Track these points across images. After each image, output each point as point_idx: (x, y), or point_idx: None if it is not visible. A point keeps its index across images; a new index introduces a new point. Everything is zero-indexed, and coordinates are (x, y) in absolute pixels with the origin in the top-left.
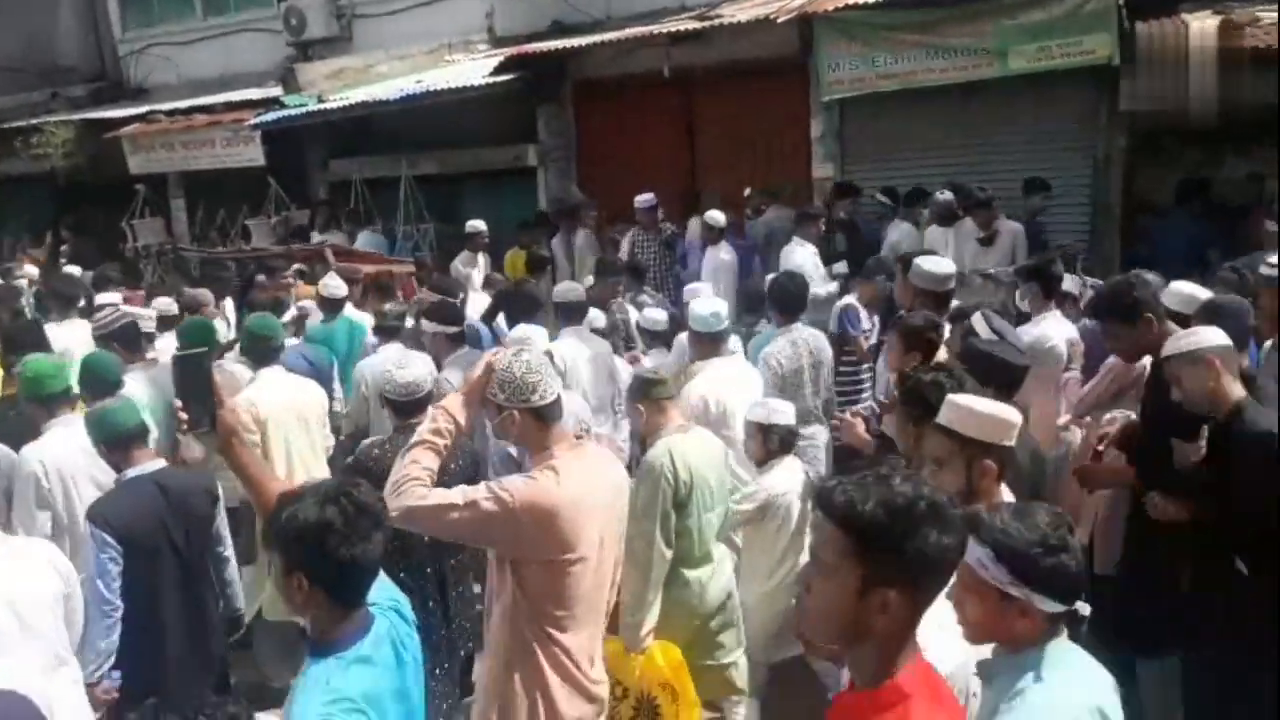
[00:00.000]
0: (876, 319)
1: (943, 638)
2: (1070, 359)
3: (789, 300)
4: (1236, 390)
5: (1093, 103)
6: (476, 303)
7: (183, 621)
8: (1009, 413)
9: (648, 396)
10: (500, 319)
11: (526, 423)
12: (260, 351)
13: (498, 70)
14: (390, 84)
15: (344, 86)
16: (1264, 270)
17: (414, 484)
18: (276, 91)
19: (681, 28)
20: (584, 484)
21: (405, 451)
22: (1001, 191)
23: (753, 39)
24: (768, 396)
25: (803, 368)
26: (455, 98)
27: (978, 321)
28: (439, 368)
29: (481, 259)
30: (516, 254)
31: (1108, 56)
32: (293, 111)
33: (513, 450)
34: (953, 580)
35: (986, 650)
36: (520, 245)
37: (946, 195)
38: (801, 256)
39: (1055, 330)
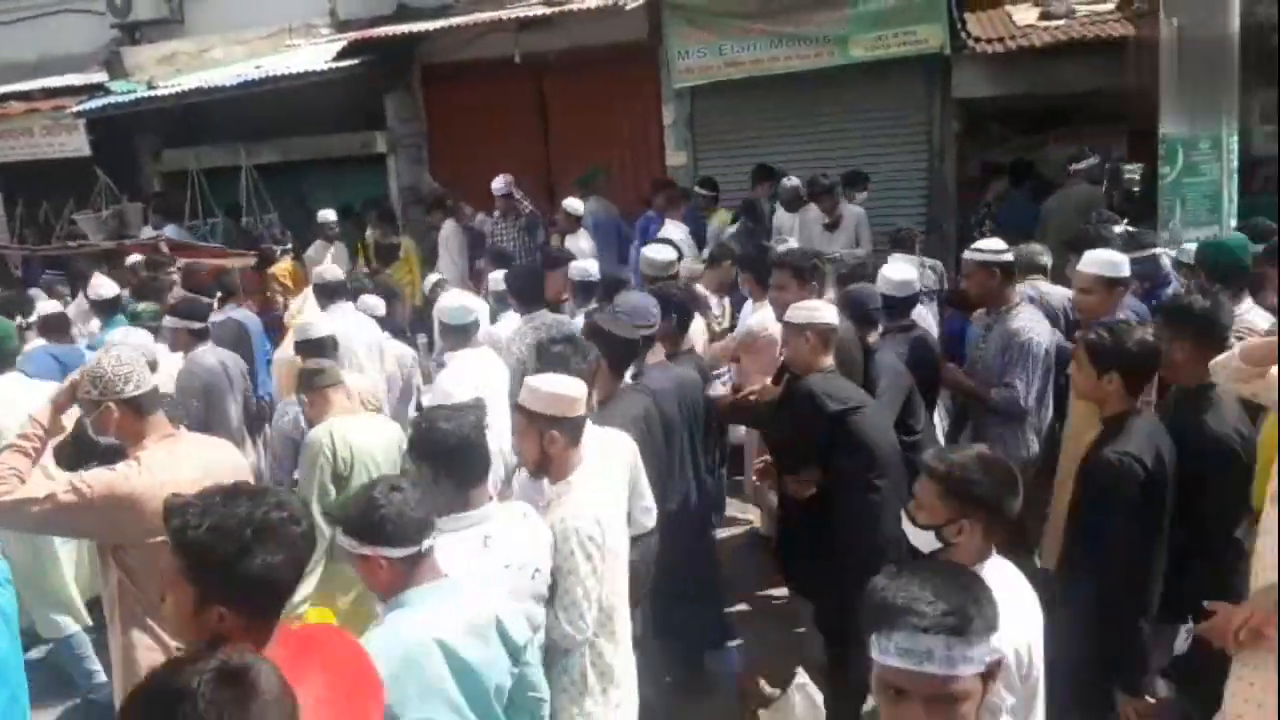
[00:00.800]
0: (726, 303)
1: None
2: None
3: (525, 291)
4: (823, 362)
5: (926, 90)
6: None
7: None
8: (569, 389)
9: (311, 387)
10: None
11: (124, 414)
12: None
13: (342, 55)
14: (227, 69)
15: (176, 72)
16: (966, 254)
17: None
18: (101, 77)
19: (529, 13)
20: (172, 469)
21: None
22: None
23: (602, 25)
24: (511, 382)
25: None
26: (298, 83)
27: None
28: None
29: (333, 250)
30: None
31: (939, 46)
32: (120, 98)
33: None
34: None
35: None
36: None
37: (793, 182)
38: (671, 235)
39: (770, 317)
